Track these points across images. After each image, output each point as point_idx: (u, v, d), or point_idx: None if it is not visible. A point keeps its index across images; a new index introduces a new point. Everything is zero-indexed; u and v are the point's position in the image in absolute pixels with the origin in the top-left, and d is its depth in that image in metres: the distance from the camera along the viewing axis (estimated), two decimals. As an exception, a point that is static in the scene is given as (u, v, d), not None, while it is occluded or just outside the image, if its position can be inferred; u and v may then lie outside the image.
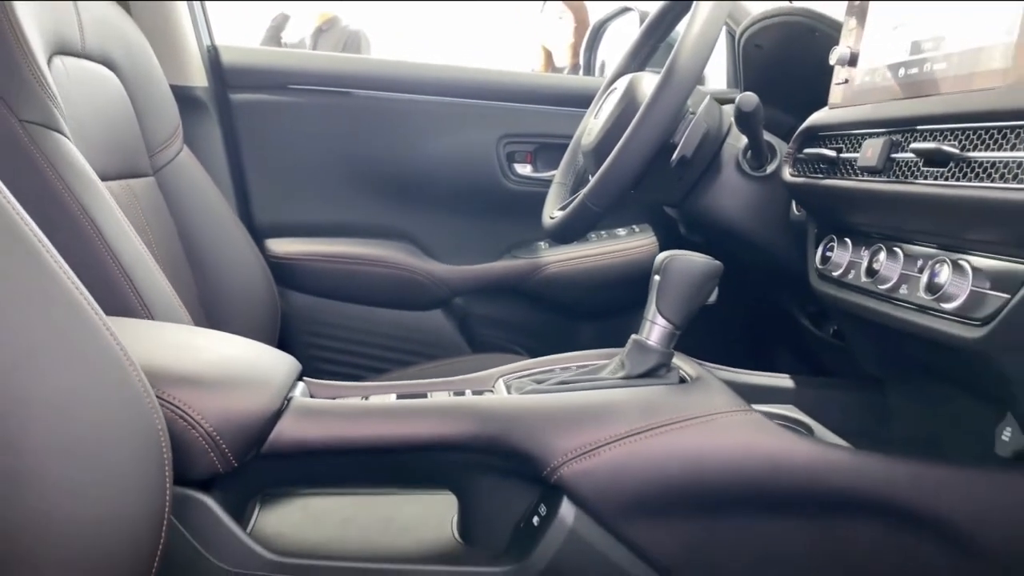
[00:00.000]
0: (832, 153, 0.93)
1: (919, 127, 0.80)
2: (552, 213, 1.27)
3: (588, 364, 0.95)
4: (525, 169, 1.69)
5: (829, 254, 0.98)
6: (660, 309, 0.86)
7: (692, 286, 0.85)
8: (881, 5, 0.92)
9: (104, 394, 0.57)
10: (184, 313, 1.02)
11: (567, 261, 1.67)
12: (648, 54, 1.34)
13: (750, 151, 1.13)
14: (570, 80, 2.22)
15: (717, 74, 1.73)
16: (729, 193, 1.15)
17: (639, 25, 1.48)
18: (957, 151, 0.73)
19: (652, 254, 0.92)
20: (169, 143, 1.32)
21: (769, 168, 1.13)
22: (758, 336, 1.54)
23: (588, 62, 2.22)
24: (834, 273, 0.96)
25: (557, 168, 1.37)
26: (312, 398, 0.86)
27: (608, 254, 1.67)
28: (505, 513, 0.83)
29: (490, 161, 1.66)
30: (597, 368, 0.92)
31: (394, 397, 0.89)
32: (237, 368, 0.79)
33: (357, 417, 0.80)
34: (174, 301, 1.01)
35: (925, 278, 0.79)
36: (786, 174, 1.03)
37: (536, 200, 1.36)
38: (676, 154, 1.08)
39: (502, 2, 4.94)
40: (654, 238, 1.66)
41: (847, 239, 0.95)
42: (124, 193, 1.13)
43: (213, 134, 1.54)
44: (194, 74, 1.52)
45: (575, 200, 1.15)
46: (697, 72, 1.02)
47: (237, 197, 1.57)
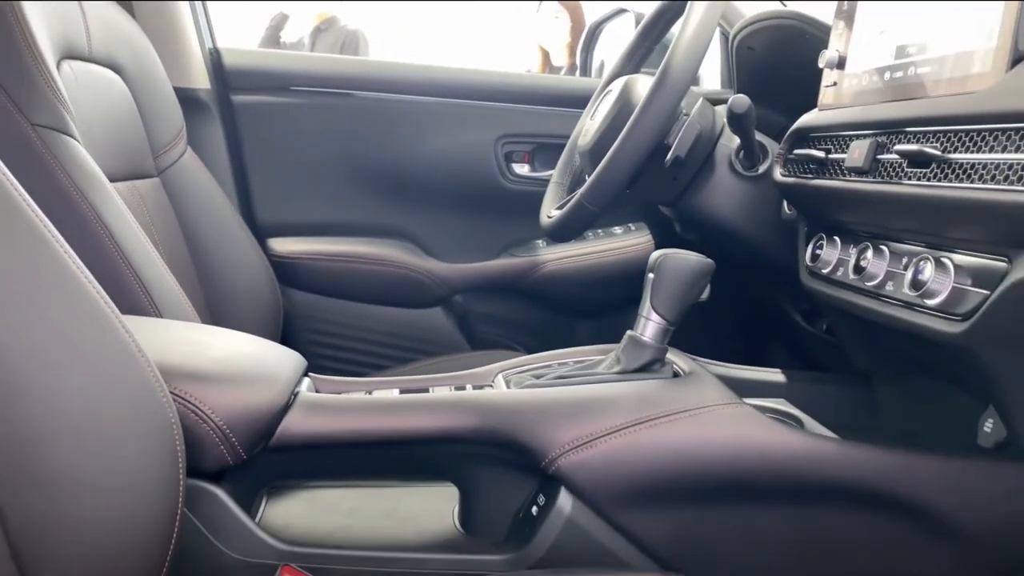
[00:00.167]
0: (821, 154, 0.95)
1: (903, 129, 0.82)
2: (550, 212, 1.28)
3: (585, 359, 0.97)
4: (523, 169, 1.71)
5: (819, 252, 0.99)
6: (654, 306, 0.87)
7: (685, 284, 0.87)
8: (868, 10, 0.94)
9: (122, 390, 0.58)
10: (191, 311, 1.04)
11: (564, 259, 1.68)
12: (643, 56, 1.35)
13: (742, 151, 1.15)
14: (567, 81, 2.24)
15: (711, 75, 1.75)
16: (722, 192, 1.16)
17: (634, 27, 1.51)
18: (939, 153, 0.75)
19: (647, 252, 0.94)
20: (173, 144, 1.33)
21: (761, 168, 1.15)
22: (752, 332, 1.55)
23: (584, 63, 2.23)
24: (823, 270, 0.97)
25: (554, 168, 1.38)
26: (317, 393, 0.88)
27: (604, 252, 1.69)
28: (505, 503, 0.85)
29: (488, 161, 1.68)
30: (593, 363, 0.94)
31: (397, 392, 0.90)
32: (246, 364, 0.80)
33: (362, 411, 0.82)
34: (182, 299, 1.03)
35: (909, 275, 0.81)
36: (777, 174, 1.05)
37: (534, 199, 1.37)
38: (670, 155, 1.10)
39: (500, 2, 4.94)
40: (649, 236, 1.67)
41: (836, 237, 0.97)
42: (130, 194, 1.15)
43: (216, 135, 1.56)
44: (197, 76, 1.54)
45: (572, 200, 1.16)
46: (690, 76, 1.03)
47: (240, 197, 1.59)
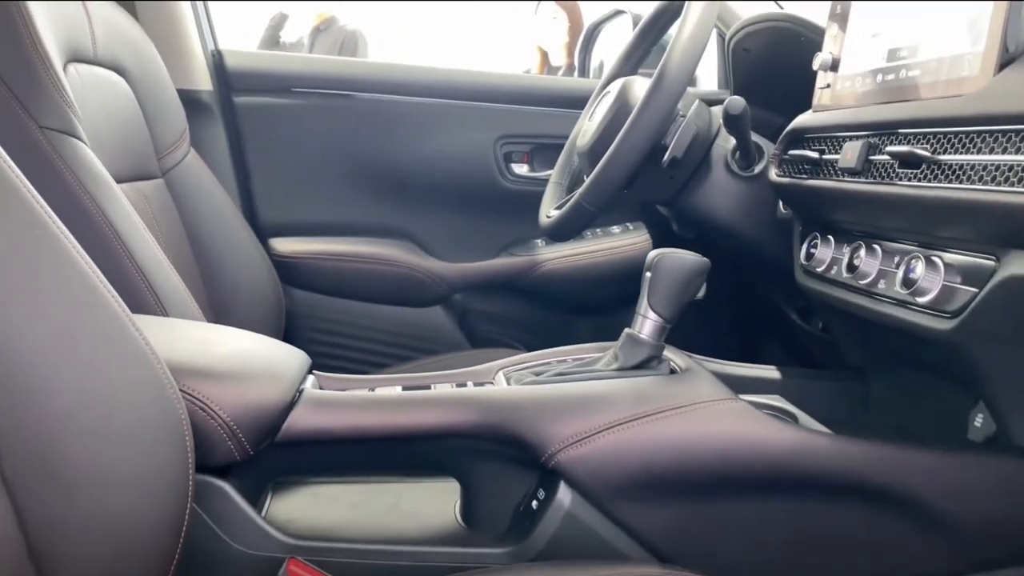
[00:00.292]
0: (815, 155, 0.96)
1: (895, 131, 0.83)
2: (549, 212, 1.29)
3: (583, 357, 0.98)
4: (522, 169, 1.72)
5: (813, 251, 1.01)
6: (651, 304, 0.89)
7: (681, 282, 0.88)
8: (860, 14, 0.95)
9: (134, 388, 0.60)
10: (196, 310, 1.06)
11: (563, 258, 1.70)
12: (641, 57, 1.36)
13: (738, 152, 1.16)
14: (565, 82, 2.25)
15: (708, 75, 1.77)
16: (718, 192, 1.17)
17: (632, 28, 1.52)
18: (929, 154, 0.76)
19: (645, 251, 0.95)
20: (177, 146, 1.34)
21: (757, 168, 1.16)
22: (749, 330, 1.56)
23: (583, 63, 2.24)
24: (818, 269, 0.99)
25: (553, 168, 1.39)
26: (322, 390, 0.89)
27: (603, 251, 1.71)
28: (505, 497, 0.87)
29: (488, 161, 1.69)
30: (592, 360, 0.95)
31: (400, 389, 0.92)
32: (252, 362, 0.82)
33: (365, 408, 0.84)
34: (187, 299, 1.04)
35: (901, 273, 0.82)
36: (772, 174, 1.06)
37: (533, 199, 1.38)
38: (667, 155, 1.11)
39: (499, 2, 4.96)
40: (647, 235, 1.67)
41: (830, 236, 0.98)
42: (135, 195, 1.16)
43: (218, 136, 1.57)
44: (199, 78, 1.56)
45: (571, 200, 1.17)
46: (686, 79, 1.05)
47: (242, 197, 1.60)
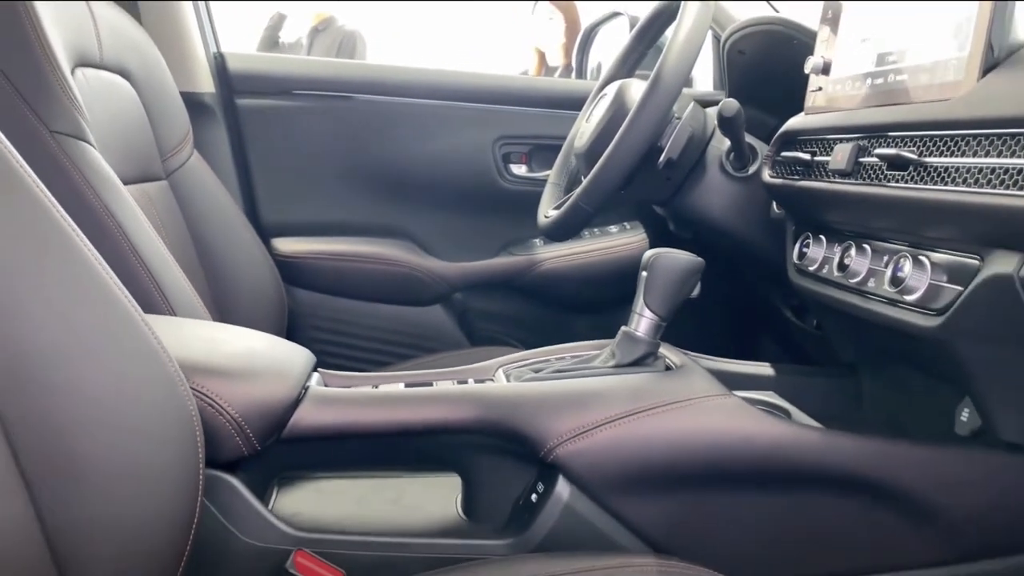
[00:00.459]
0: (807, 156, 0.99)
1: (883, 134, 0.85)
2: (547, 212, 1.31)
3: (581, 354, 1.00)
4: (520, 169, 1.74)
5: (805, 250, 1.03)
6: (647, 303, 0.91)
7: (676, 281, 0.90)
8: (850, 19, 0.98)
9: (147, 386, 0.61)
10: (203, 309, 1.08)
11: (561, 257, 1.72)
12: (637, 60, 1.37)
13: (732, 153, 1.18)
14: (563, 84, 2.26)
15: (704, 76, 1.79)
16: (714, 193, 1.19)
17: (628, 30, 1.54)
18: (915, 157, 0.79)
19: (642, 250, 0.97)
20: (180, 148, 1.36)
21: (751, 169, 1.18)
22: (745, 327, 1.58)
23: (580, 65, 2.26)
24: (810, 268, 1.01)
25: (551, 168, 1.41)
26: (327, 387, 0.91)
27: (600, 251, 1.72)
28: (505, 491, 0.89)
29: (487, 162, 1.71)
30: (590, 358, 0.98)
31: (402, 386, 0.94)
32: (259, 360, 0.83)
33: (369, 404, 0.86)
34: (194, 298, 1.06)
35: (890, 272, 0.84)
36: (765, 175, 1.08)
37: (531, 199, 1.40)
38: (663, 156, 1.13)
39: (497, 2, 4.97)
40: (644, 235, 1.69)
41: (822, 236, 1.00)
42: (141, 197, 1.17)
43: (221, 138, 1.59)
44: (202, 81, 1.57)
45: (568, 200, 1.19)
46: (681, 81, 1.07)
47: (244, 198, 1.62)
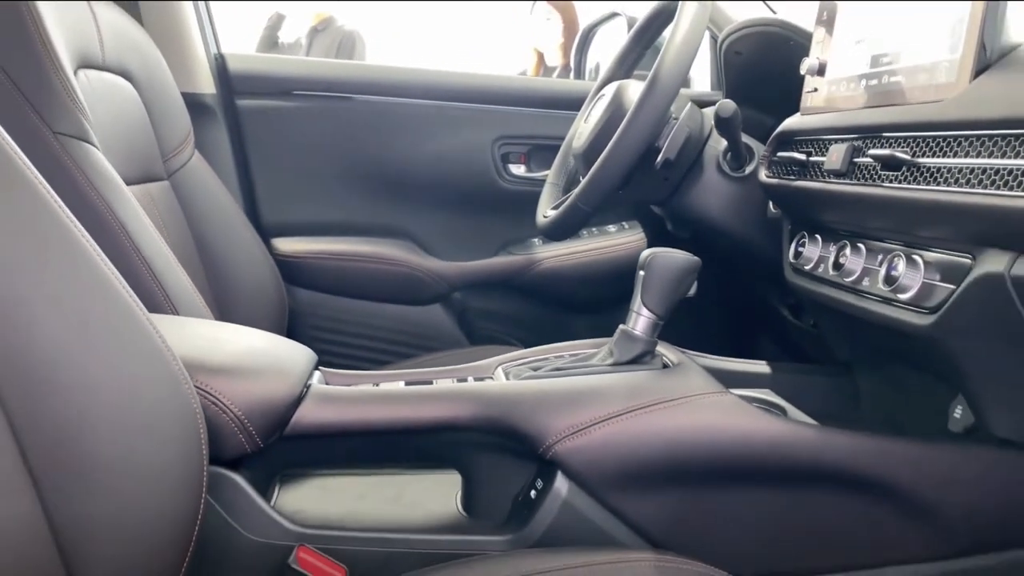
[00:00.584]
0: (802, 157, 0.99)
1: (878, 134, 0.86)
2: (545, 212, 1.32)
3: (580, 352, 1.01)
4: (519, 169, 1.75)
5: (801, 249, 1.04)
6: (644, 301, 0.92)
7: (673, 280, 0.91)
8: (845, 21, 0.99)
9: (152, 384, 0.62)
10: (205, 309, 1.09)
11: (560, 257, 1.73)
12: (635, 60, 1.38)
13: (730, 153, 1.19)
14: (561, 84, 2.27)
15: (701, 75, 1.80)
16: (711, 192, 1.20)
17: (627, 31, 1.55)
18: (908, 157, 0.80)
19: (640, 250, 0.98)
20: (181, 148, 1.37)
21: (748, 169, 1.19)
22: (743, 326, 1.59)
23: (578, 65, 2.27)
24: (806, 267, 1.02)
25: (550, 168, 1.42)
26: (328, 385, 0.92)
27: (598, 250, 1.73)
28: (505, 487, 0.90)
29: (486, 162, 1.72)
30: (588, 356, 0.99)
31: (403, 384, 0.95)
32: (262, 359, 0.84)
33: (370, 402, 0.87)
34: (196, 298, 1.07)
35: (884, 271, 0.86)
36: (762, 175, 1.09)
37: (530, 199, 1.41)
38: (660, 157, 1.14)
39: (495, 2, 4.98)
40: (642, 234, 1.71)
41: (817, 235, 1.01)
42: (143, 197, 1.18)
43: (221, 139, 1.60)
44: (203, 82, 1.58)
45: (567, 200, 1.20)
46: (678, 82, 1.08)
47: (245, 198, 1.63)
